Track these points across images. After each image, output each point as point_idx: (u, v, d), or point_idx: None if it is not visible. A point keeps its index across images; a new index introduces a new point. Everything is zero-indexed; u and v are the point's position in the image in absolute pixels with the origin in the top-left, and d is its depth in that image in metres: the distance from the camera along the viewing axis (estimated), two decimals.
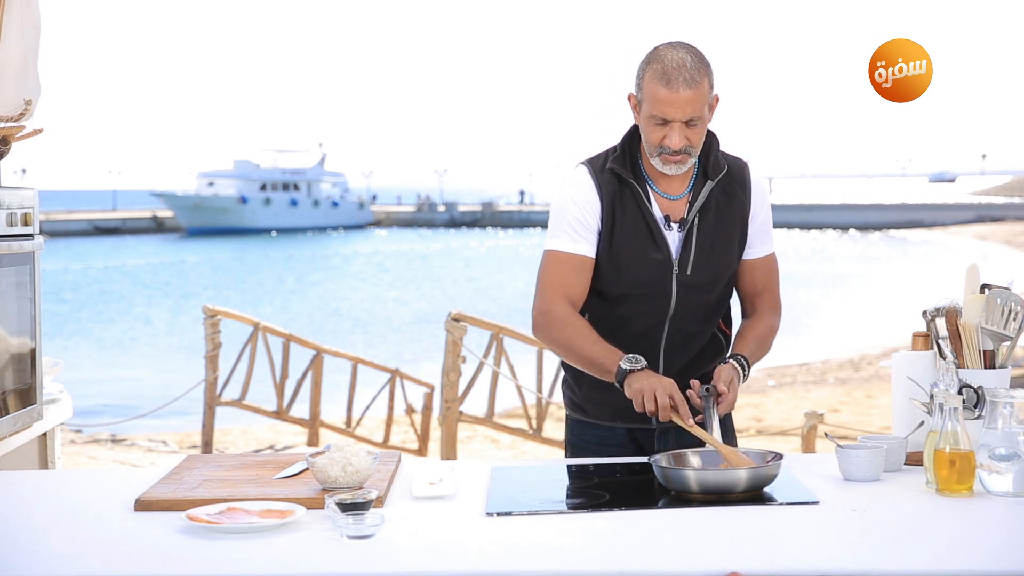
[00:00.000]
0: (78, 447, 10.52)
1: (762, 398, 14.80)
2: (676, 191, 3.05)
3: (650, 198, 3.03)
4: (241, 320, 9.87)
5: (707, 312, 3.10)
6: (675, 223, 3.03)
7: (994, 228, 56.76)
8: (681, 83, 2.86)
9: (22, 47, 3.42)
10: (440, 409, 8.49)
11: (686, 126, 2.90)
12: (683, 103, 2.86)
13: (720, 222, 3.05)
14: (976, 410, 2.70)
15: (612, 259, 3.03)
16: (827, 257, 47.82)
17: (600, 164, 3.07)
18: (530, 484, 2.72)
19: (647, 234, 3.01)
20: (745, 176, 3.11)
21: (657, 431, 3.09)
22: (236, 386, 9.71)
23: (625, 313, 3.06)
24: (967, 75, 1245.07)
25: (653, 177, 3.04)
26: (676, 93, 2.86)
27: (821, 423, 7.94)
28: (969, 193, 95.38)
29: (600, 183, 3.03)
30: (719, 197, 3.05)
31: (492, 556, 2.19)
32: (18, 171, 30.52)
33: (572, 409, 3.20)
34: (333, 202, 74.19)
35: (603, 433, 3.13)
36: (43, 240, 3.55)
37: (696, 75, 2.87)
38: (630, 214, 3.01)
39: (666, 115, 2.89)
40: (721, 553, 2.17)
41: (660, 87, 2.87)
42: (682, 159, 2.95)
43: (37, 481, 2.97)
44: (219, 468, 2.83)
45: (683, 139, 2.91)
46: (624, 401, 2.99)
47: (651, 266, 3.01)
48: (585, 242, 3.03)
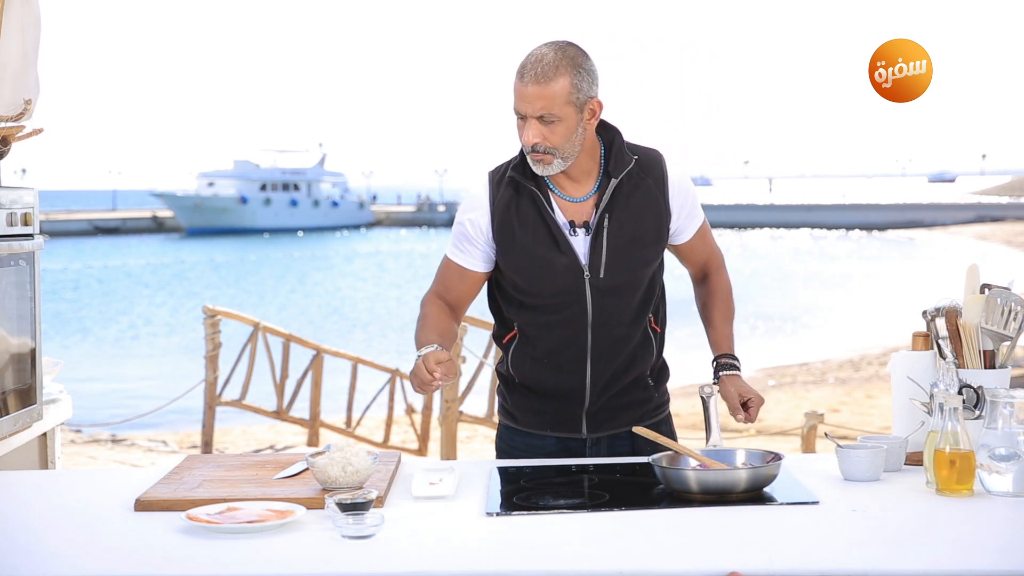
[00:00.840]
0: (78, 447, 10.52)
1: None
2: (580, 193, 2.96)
3: (552, 204, 2.95)
4: (241, 320, 9.87)
5: (632, 314, 3.00)
6: (580, 227, 2.95)
7: (994, 228, 56.73)
8: (531, 77, 2.81)
9: (22, 47, 3.41)
10: (440, 409, 8.49)
11: (541, 123, 2.83)
12: (532, 97, 2.81)
13: (631, 220, 2.95)
14: (976, 410, 2.70)
15: (518, 269, 2.97)
16: (827, 257, 47.80)
17: (501, 172, 3.01)
18: (530, 484, 2.72)
19: (550, 241, 2.93)
20: (658, 168, 3.01)
21: (588, 441, 3.05)
22: (236, 386, 9.71)
23: (546, 322, 2.99)
24: (967, 75, 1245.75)
25: (556, 181, 2.96)
26: (525, 87, 2.82)
27: (821, 423, 7.94)
28: (969, 193, 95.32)
29: (494, 195, 2.99)
30: (629, 194, 2.96)
31: (492, 556, 2.19)
32: (18, 171, 30.52)
33: (503, 415, 3.16)
34: (333, 202, 74.16)
35: (533, 441, 3.08)
36: (43, 240, 3.55)
37: (550, 71, 2.80)
38: (531, 221, 2.94)
39: (518, 108, 2.86)
40: (721, 553, 2.17)
41: (516, 80, 2.85)
42: (544, 159, 2.87)
43: (37, 481, 2.97)
44: (219, 468, 2.83)
45: (536, 135, 2.83)
46: (554, 409, 3.01)
47: (560, 273, 2.93)
48: (466, 255, 3.03)
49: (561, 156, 2.88)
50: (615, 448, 3.06)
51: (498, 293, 3.10)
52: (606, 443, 3.06)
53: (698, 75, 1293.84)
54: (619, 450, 3.06)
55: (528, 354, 3.03)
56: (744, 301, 31.20)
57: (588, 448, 3.06)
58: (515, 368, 3.06)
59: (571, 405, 3.02)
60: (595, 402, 3.01)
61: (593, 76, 2.88)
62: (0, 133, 3.39)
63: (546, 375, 3.01)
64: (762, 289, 33.87)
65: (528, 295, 2.99)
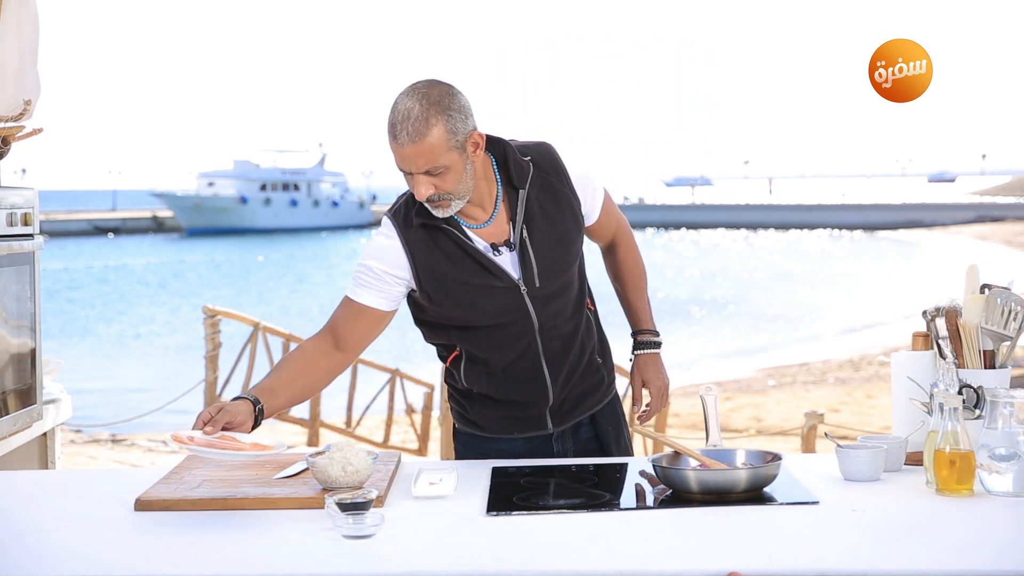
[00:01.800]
0: (78, 447, 10.53)
1: (762, 398, 14.82)
2: (486, 216, 2.92)
3: (467, 234, 2.90)
4: (241, 320, 9.87)
5: (573, 309, 3.03)
6: (502, 246, 2.91)
7: (994, 228, 56.74)
8: (405, 138, 2.72)
9: (20, 47, 3.42)
10: (440, 409, 8.49)
11: (429, 176, 2.76)
12: (411, 157, 2.73)
13: (550, 224, 2.94)
14: (976, 410, 2.70)
15: (456, 303, 2.91)
16: (827, 257, 47.83)
17: (403, 218, 2.92)
18: (530, 484, 2.72)
19: (479, 269, 2.89)
20: (553, 161, 2.98)
21: (555, 435, 3.08)
22: (236, 386, 9.70)
23: (496, 340, 2.98)
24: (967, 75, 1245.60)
25: (461, 213, 2.91)
26: (402, 148, 2.73)
27: (821, 423, 7.93)
28: (969, 193, 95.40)
29: (407, 240, 2.90)
30: (539, 199, 2.93)
31: (492, 556, 2.19)
32: (18, 171, 30.50)
33: (465, 424, 3.12)
34: (333, 202, 74.16)
35: (500, 446, 3.08)
36: (43, 240, 3.55)
37: (421, 127, 2.71)
38: (453, 255, 2.89)
39: (400, 167, 2.78)
40: (721, 553, 2.17)
41: (390, 140, 2.76)
42: (442, 204, 2.81)
43: (37, 481, 2.97)
44: (219, 468, 2.83)
45: (428, 188, 2.77)
46: (519, 414, 3.03)
47: (498, 295, 2.91)
48: (373, 293, 2.91)
49: (458, 197, 2.82)
50: (579, 436, 3.10)
51: (424, 327, 3.05)
52: (570, 433, 3.09)
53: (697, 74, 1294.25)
54: (583, 436, 3.11)
55: (482, 370, 3.01)
56: (744, 301, 31.25)
57: (555, 441, 3.08)
58: (470, 383, 3.04)
59: (536, 407, 3.04)
60: (558, 395, 3.04)
61: (465, 111, 2.78)
62: (0, 133, 3.39)
63: (505, 386, 3.01)
64: (762, 289, 33.91)
65: (469, 322, 2.96)
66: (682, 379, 16.55)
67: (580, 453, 3.09)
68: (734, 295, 32.11)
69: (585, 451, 3.10)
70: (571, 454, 3.09)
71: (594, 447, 3.12)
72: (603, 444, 3.13)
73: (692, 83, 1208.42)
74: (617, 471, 2.86)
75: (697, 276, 37.73)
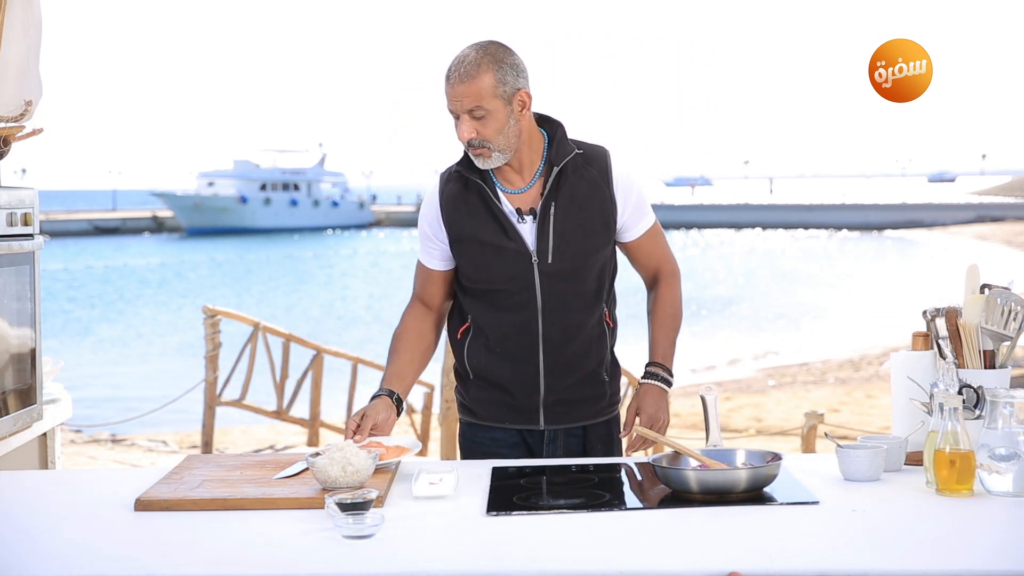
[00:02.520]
0: (78, 447, 10.52)
1: (762, 398, 14.82)
2: (522, 184, 3.09)
3: (498, 195, 3.08)
4: (241, 320, 9.87)
5: (584, 304, 3.09)
6: (527, 214, 3.06)
7: (994, 228, 56.72)
8: (456, 77, 2.97)
9: (23, 47, 3.42)
10: (440, 409, 8.48)
11: (472, 118, 2.97)
12: (459, 95, 2.96)
13: (578, 209, 3.06)
14: (976, 410, 2.70)
15: (469, 258, 3.09)
16: (827, 257, 47.81)
17: (448, 170, 3.16)
18: (530, 484, 2.73)
19: (498, 228, 3.05)
20: (603, 163, 3.12)
21: (547, 436, 3.13)
22: (236, 386, 9.70)
23: (497, 309, 3.09)
24: (967, 75, 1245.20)
25: (499, 174, 3.10)
26: (452, 87, 2.97)
27: (821, 423, 7.94)
28: (969, 193, 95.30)
29: (443, 190, 3.13)
30: (574, 183, 3.07)
31: (492, 556, 2.19)
32: (18, 171, 30.46)
33: (463, 412, 3.24)
34: (333, 202, 74.13)
35: (494, 435, 3.16)
36: (43, 240, 3.55)
37: (473, 69, 2.95)
38: (478, 212, 3.07)
39: (450, 108, 3.00)
40: (721, 553, 2.17)
41: (445, 83, 3.00)
42: (483, 152, 3.01)
43: (37, 481, 2.97)
44: (219, 468, 2.83)
45: (470, 131, 2.98)
46: (511, 400, 3.10)
47: (508, 258, 3.04)
48: (429, 255, 3.19)
49: (498, 149, 3.01)
50: (569, 445, 3.15)
51: (456, 287, 3.20)
52: (563, 437, 3.14)
53: (697, 74, 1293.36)
54: (572, 447, 3.15)
55: (482, 345, 3.12)
56: (744, 301, 31.26)
57: (546, 444, 3.13)
58: (470, 361, 3.15)
59: (527, 393, 3.10)
60: (551, 391, 3.09)
61: (518, 69, 2.99)
62: (0, 133, 3.39)
63: (500, 364, 3.10)
64: (762, 289, 33.92)
65: (478, 283, 3.10)
66: (682, 379, 16.55)
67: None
68: (734, 295, 32.10)
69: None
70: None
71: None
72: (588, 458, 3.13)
73: (692, 83, 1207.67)
74: (617, 471, 2.86)
75: (697, 276, 37.73)
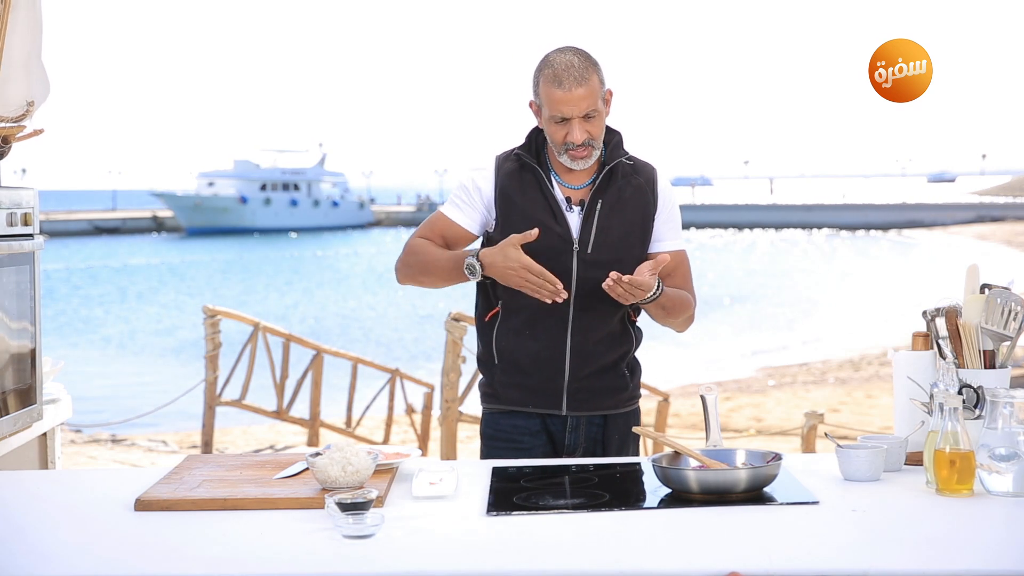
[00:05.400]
0: (78, 447, 10.52)
1: (762, 398, 14.82)
2: (578, 182, 3.21)
3: (552, 184, 3.19)
4: (241, 320, 9.87)
5: (613, 299, 3.09)
6: (576, 205, 3.18)
7: (994, 228, 56.74)
8: (572, 82, 3.07)
9: (25, 48, 3.42)
10: (440, 409, 8.49)
11: (585, 120, 3.10)
12: (577, 100, 3.07)
13: (622, 208, 3.18)
14: (976, 410, 2.70)
15: (516, 232, 3.11)
16: (827, 257, 47.82)
17: (506, 154, 3.26)
18: (530, 484, 2.73)
19: (547, 211, 3.16)
20: (652, 178, 3.26)
21: (569, 424, 3.20)
22: (236, 386, 9.71)
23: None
24: (967, 75, 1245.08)
25: (557, 168, 3.21)
26: (569, 92, 3.07)
27: (821, 423, 7.95)
28: (969, 193, 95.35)
29: (499, 168, 3.23)
30: (622, 186, 3.20)
31: (492, 556, 2.19)
32: (18, 171, 30.47)
33: (486, 400, 3.30)
34: (333, 202, 74.15)
35: (516, 422, 3.22)
36: (43, 240, 3.55)
37: (585, 73, 3.08)
38: (530, 194, 3.18)
39: (564, 113, 3.08)
40: (721, 553, 2.17)
41: (554, 89, 3.08)
42: (587, 152, 3.13)
43: (37, 481, 2.97)
44: (219, 468, 2.83)
45: (584, 133, 3.10)
46: (535, 383, 3.16)
47: (552, 240, 3.12)
48: (461, 212, 3.24)
49: (597, 147, 3.16)
50: (590, 433, 3.21)
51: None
52: (584, 426, 3.20)
53: (697, 74, 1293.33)
54: (592, 436, 3.21)
55: (510, 328, 3.19)
56: (745, 301, 31.25)
57: (568, 431, 3.19)
58: (498, 344, 3.21)
59: (551, 376, 3.16)
60: (575, 376, 3.16)
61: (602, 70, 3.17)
62: (1, 133, 3.39)
63: (527, 345, 3.17)
64: (762, 289, 33.92)
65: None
66: (682, 379, 16.55)
67: (587, 452, 3.21)
68: (734, 295, 32.12)
69: (591, 451, 3.21)
70: (580, 450, 3.19)
71: (600, 452, 3.22)
72: (606, 448, 3.23)
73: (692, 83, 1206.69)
74: (617, 471, 2.86)
75: (697, 276, 37.69)
